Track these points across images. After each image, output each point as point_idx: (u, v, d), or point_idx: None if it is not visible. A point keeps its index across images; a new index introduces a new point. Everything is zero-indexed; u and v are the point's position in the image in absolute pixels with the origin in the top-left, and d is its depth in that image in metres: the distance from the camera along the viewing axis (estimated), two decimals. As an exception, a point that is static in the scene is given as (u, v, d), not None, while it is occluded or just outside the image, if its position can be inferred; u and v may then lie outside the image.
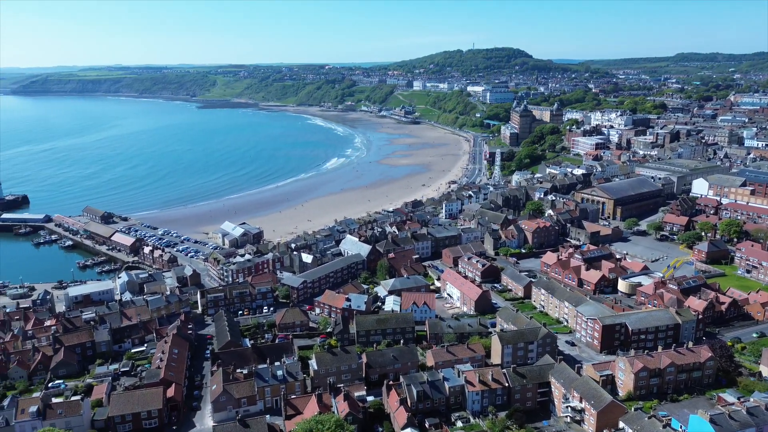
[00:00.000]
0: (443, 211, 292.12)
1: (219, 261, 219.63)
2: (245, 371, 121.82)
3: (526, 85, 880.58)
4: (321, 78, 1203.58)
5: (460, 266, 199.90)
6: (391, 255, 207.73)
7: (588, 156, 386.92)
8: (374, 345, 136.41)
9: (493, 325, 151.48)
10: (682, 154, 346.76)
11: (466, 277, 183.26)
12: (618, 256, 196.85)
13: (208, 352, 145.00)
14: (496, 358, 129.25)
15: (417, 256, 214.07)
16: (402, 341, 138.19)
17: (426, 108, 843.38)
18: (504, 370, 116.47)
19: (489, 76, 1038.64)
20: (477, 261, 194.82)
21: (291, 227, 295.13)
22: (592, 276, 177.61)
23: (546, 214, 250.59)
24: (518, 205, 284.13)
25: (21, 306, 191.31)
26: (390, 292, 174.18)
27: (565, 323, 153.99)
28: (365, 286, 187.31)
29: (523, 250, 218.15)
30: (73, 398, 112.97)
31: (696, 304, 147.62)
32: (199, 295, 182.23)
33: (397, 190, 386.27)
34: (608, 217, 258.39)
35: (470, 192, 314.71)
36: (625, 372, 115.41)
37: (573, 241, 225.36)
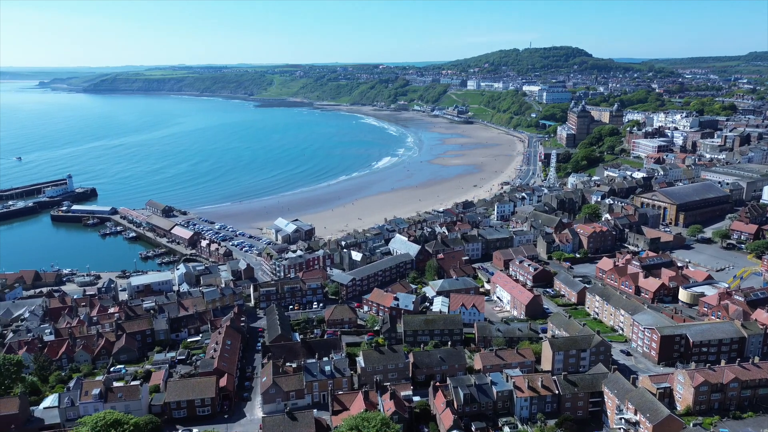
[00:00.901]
0: (495, 212, 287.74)
1: (272, 256, 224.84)
2: (294, 365, 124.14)
3: (585, 85, 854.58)
4: (375, 77, 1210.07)
5: (511, 269, 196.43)
6: (441, 256, 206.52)
7: (649, 159, 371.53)
8: (421, 345, 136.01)
9: (544, 331, 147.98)
10: (752, 159, 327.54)
11: (517, 280, 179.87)
12: (680, 265, 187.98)
13: (259, 344, 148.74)
14: (546, 364, 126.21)
15: (467, 257, 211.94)
16: (450, 343, 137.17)
17: (479, 108, 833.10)
18: (554, 377, 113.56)
19: (546, 76, 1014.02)
20: (529, 264, 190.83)
21: (341, 225, 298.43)
22: (650, 284, 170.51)
23: (603, 219, 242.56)
24: (573, 208, 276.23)
25: (87, 293, 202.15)
26: (438, 293, 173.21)
27: (621, 332, 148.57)
28: (413, 286, 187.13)
29: (578, 255, 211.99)
30: (133, 383, 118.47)
31: (764, 317, 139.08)
32: (252, 289, 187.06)
33: (448, 190, 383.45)
34: (670, 224, 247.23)
35: (523, 194, 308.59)
36: (684, 385, 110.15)
37: (631, 247, 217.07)
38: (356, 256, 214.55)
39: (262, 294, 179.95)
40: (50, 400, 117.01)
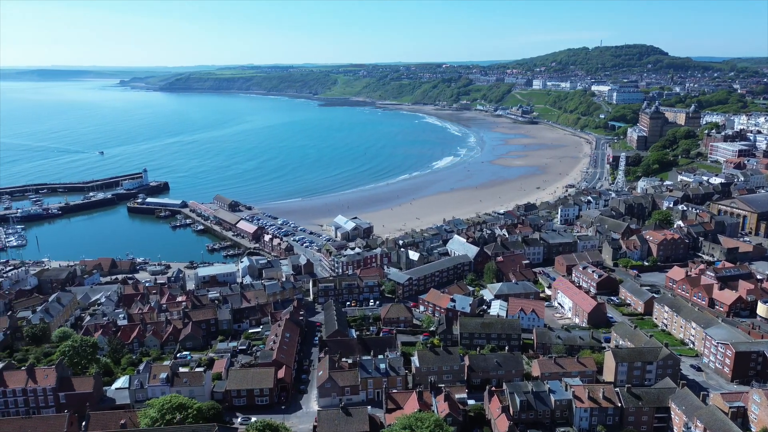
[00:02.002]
0: (558, 216, 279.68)
1: (331, 252, 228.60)
2: (350, 361, 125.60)
3: (659, 85, 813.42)
4: (437, 77, 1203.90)
5: (573, 275, 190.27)
6: (500, 258, 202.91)
7: (729, 164, 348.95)
8: (477, 348, 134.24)
9: (607, 341, 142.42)
10: None
11: (579, 287, 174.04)
12: (759, 277, 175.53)
13: (316, 338, 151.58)
14: (608, 375, 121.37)
15: (527, 261, 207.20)
16: (507, 347, 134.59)
17: (545, 108, 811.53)
18: (617, 389, 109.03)
19: (616, 75, 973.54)
20: (593, 271, 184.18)
21: (400, 224, 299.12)
22: (726, 296, 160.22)
23: (675, 226, 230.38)
24: (643, 213, 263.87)
25: (158, 281, 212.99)
26: (496, 296, 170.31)
27: (691, 346, 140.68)
28: (471, 288, 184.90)
29: (646, 263, 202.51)
30: (197, 369, 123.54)
31: None
32: (311, 284, 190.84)
33: (510, 191, 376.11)
34: (749, 233, 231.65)
35: (589, 197, 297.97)
36: (760, 406, 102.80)
37: (705, 257, 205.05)
38: (413, 255, 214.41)
39: (321, 289, 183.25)
40: (121, 381, 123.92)
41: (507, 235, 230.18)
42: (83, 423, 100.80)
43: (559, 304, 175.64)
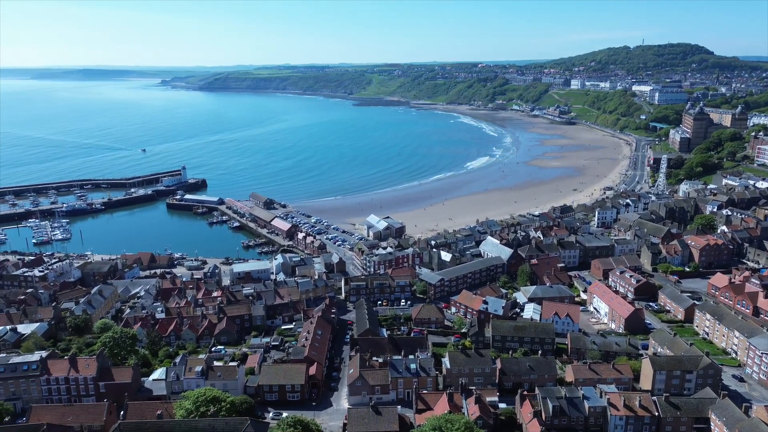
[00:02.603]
0: (595, 218, 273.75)
1: (363, 251, 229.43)
2: (380, 360, 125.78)
3: (704, 85, 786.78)
4: (473, 76, 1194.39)
5: (610, 280, 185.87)
6: (534, 261, 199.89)
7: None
8: (510, 352, 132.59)
9: (645, 348, 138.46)
10: None
11: (616, 291, 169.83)
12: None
13: (347, 337, 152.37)
14: (645, 383, 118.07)
15: (562, 264, 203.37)
16: (540, 352, 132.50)
17: (583, 108, 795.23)
18: (654, 398, 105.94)
19: (658, 75, 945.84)
20: (631, 276, 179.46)
21: (432, 224, 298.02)
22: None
23: (718, 231, 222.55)
24: (684, 218, 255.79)
25: (194, 276, 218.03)
26: (530, 300, 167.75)
27: (734, 355, 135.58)
28: (504, 291, 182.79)
29: (687, 269, 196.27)
30: (231, 364, 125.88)
31: None
32: (343, 282, 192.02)
33: (545, 193, 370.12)
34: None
35: (628, 200, 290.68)
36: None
37: (750, 264, 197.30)
38: (446, 256, 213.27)
39: (352, 288, 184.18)
40: (158, 373, 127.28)
41: (542, 238, 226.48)
42: (121, 412, 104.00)
43: (594, 308, 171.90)
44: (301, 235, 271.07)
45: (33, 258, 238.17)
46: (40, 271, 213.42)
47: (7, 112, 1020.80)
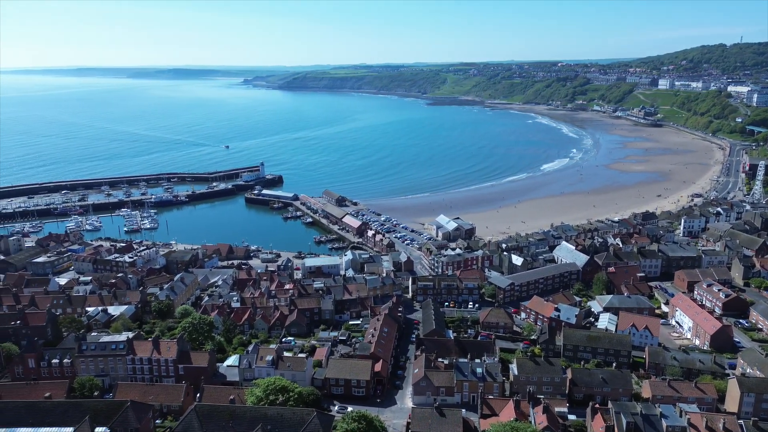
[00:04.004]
0: (681, 227, 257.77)
1: (431, 251, 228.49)
2: (446, 362, 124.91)
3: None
4: (551, 76, 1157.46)
5: (696, 293, 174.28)
6: (612, 269, 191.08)
7: None
8: (582, 362, 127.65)
9: (732, 367, 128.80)
10: None
11: (702, 306, 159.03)
12: None
13: (413, 336, 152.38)
14: (731, 405, 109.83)
15: (642, 274, 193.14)
16: (614, 364, 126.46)
17: (671, 109, 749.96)
18: (741, 422, 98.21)
19: (758, 75, 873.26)
20: (719, 290, 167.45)
21: (504, 227, 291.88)
22: None
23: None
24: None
25: (268, 269, 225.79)
26: (606, 309, 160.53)
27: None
28: (578, 299, 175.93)
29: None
30: (300, 355, 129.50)
31: None
32: (410, 281, 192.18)
33: (626, 198, 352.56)
34: None
35: (719, 209, 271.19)
36: None
37: None
38: (517, 260, 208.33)
39: (420, 287, 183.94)
40: (232, 359, 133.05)
41: (621, 245, 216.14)
42: (198, 394, 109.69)
43: (676, 322, 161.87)
44: (370, 233, 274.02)
45: (124, 245, 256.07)
46: (129, 258, 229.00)
47: (106, 109, 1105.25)
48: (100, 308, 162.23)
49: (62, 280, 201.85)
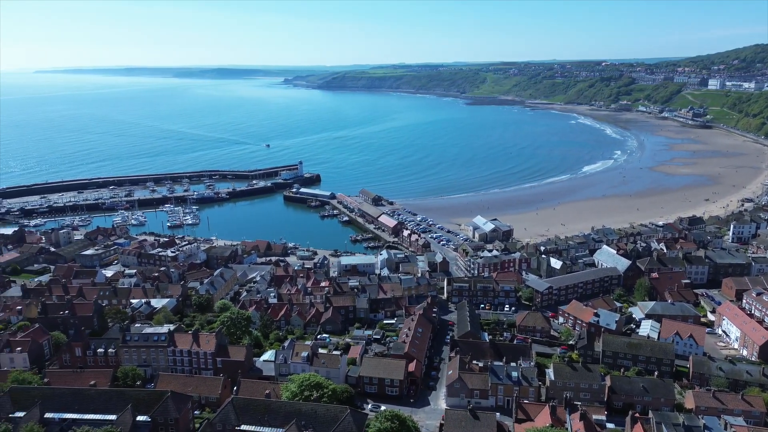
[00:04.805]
0: (730, 233, 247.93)
1: (467, 253, 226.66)
2: (481, 364, 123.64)
3: None
4: (595, 75, 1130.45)
5: (744, 301, 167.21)
6: (655, 275, 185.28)
7: None
8: (621, 370, 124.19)
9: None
10: None
11: (751, 315, 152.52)
12: None
13: (448, 337, 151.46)
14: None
15: (688, 281, 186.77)
16: (656, 373, 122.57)
17: (721, 110, 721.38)
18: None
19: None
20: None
21: (542, 229, 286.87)
22: None
23: None
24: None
25: (305, 266, 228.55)
26: (648, 316, 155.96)
27: None
28: (618, 304, 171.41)
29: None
30: (334, 352, 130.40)
31: None
32: (445, 282, 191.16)
33: (671, 202, 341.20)
34: None
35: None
36: None
37: None
38: (555, 263, 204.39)
39: (455, 288, 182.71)
40: (268, 354, 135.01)
41: (665, 250, 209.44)
42: (235, 387, 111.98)
43: (723, 332, 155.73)
44: (406, 233, 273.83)
45: (167, 239, 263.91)
46: (172, 252, 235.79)
47: (152, 107, 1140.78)
48: (143, 300, 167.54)
49: (108, 273, 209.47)
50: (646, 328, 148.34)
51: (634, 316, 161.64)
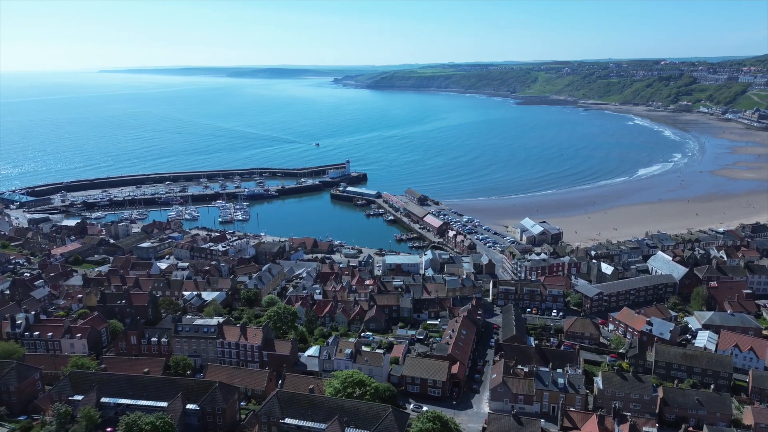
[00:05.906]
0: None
1: (514, 255, 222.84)
2: (526, 369, 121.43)
3: None
4: (653, 75, 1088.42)
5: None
6: (714, 284, 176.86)
7: None
8: (675, 381, 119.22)
9: None
10: None
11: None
12: None
13: (492, 340, 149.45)
14: None
15: (749, 291, 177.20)
16: (712, 386, 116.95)
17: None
18: None
19: None
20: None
21: (593, 233, 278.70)
22: None
23: None
24: None
25: (350, 264, 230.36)
26: (705, 326, 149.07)
27: None
28: (673, 313, 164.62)
29: None
30: (378, 351, 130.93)
31: None
32: (491, 285, 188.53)
33: (734, 208, 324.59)
34: None
35: None
36: None
37: None
38: (606, 268, 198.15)
39: (501, 291, 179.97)
40: (313, 350, 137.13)
41: (725, 258, 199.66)
42: (280, 381, 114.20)
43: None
44: (451, 233, 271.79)
45: (218, 234, 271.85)
46: (222, 247, 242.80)
47: (207, 106, 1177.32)
48: (194, 293, 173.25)
49: (162, 265, 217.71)
50: (703, 339, 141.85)
51: (690, 326, 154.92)
